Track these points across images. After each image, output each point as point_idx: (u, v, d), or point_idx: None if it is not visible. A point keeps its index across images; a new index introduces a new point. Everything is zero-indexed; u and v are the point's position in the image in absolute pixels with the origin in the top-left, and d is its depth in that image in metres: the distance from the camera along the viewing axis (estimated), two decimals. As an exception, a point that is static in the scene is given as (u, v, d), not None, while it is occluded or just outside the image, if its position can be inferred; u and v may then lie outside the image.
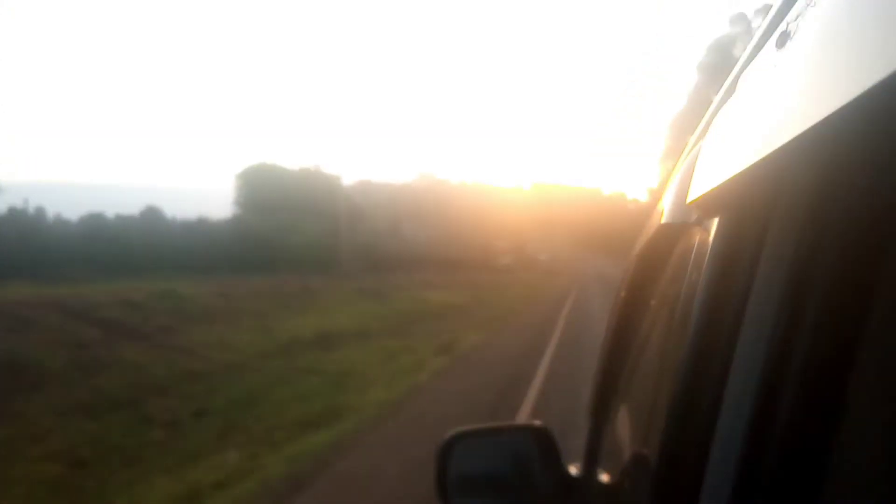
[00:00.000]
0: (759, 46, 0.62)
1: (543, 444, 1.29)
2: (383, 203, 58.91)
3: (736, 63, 0.75)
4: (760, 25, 0.69)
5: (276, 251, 39.99)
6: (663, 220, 0.86)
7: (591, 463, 1.34)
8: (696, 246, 0.65)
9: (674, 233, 0.83)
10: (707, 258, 0.57)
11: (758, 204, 0.50)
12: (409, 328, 17.05)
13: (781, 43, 0.49)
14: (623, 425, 1.09)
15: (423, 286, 30.04)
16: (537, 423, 1.45)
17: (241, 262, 35.41)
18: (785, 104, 0.42)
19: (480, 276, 38.88)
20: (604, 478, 1.21)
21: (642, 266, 1.09)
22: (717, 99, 0.79)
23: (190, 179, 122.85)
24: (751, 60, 0.63)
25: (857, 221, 0.40)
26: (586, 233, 73.56)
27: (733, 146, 0.53)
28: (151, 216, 46.51)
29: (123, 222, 44.44)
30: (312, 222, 45.34)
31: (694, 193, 0.63)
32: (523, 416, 6.97)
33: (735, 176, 0.48)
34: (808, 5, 0.46)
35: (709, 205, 0.59)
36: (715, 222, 0.58)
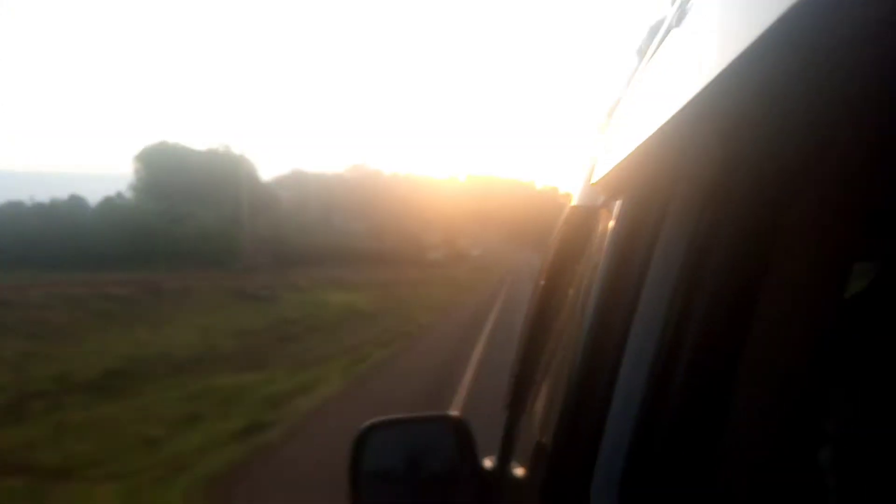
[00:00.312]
0: (667, 28, 0.61)
1: (460, 434, 1.26)
2: (314, 194, 56.98)
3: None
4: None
5: (163, 242, 34.26)
6: (572, 203, 0.89)
7: (506, 455, 1.29)
8: (600, 229, 0.63)
9: (582, 216, 0.82)
10: (607, 242, 0.56)
11: (655, 184, 0.49)
12: (273, 351, 12.12)
13: (678, 21, 0.50)
14: (535, 416, 1.05)
15: (331, 285, 25.49)
16: (454, 413, 1.55)
17: (113, 254, 29.60)
18: (677, 79, 0.42)
19: (405, 273, 34.86)
20: (517, 471, 1.14)
21: (556, 252, 1.10)
22: (627, 81, 0.79)
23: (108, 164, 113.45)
24: (660, 43, 0.62)
25: (749, 206, 0.40)
26: (520, 226, 70.91)
27: (632, 127, 0.53)
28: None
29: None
30: (213, 209, 39.88)
31: (597, 175, 0.63)
32: None
33: (632, 155, 0.48)
34: None
35: (611, 186, 0.59)
36: (617, 204, 0.56)
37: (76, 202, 43.04)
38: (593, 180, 0.66)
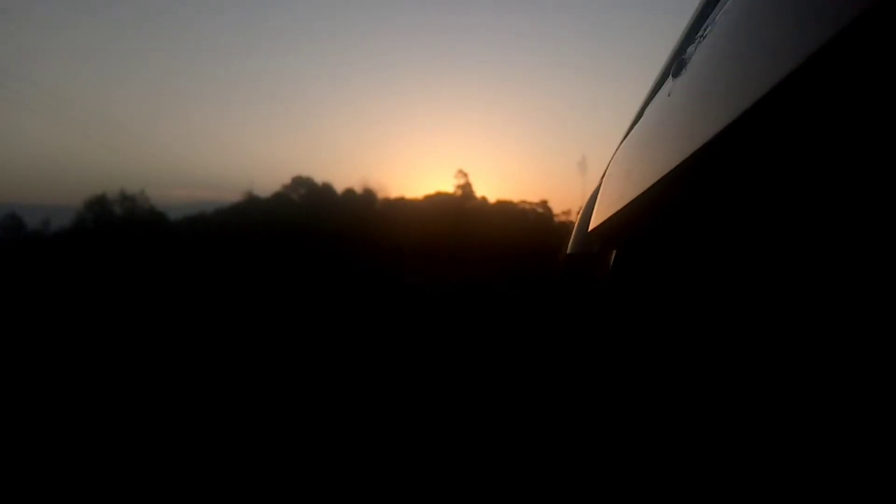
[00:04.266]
0: (662, 77, 0.61)
1: None
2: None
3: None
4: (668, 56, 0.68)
5: None
6: (568, 251, 0.87)
7: None
8: (596, 278, 0.62)
9: (576, 264, 0.81)
10: (603, 291, 0.55)
11: (649, 234, 0.47)
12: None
13: (677, 72, 0.49)
14: None
15: None
16: None
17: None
18: (674, 131, 0.42)
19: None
20: None
21: (551, 299, 1.08)
22: (626, 129, 0.78)
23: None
24: (655, 91, 0.62)
25: (749, 264, 0.39)
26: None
27: (630, 176, 0.50)
28: None
29: None
30: None
31: (594, 223, 0.62)
32: None
33: (630, 206, 0.46)
34: (701, 36, 0.46)
35: (606, 235, 0.58)
36: (613, 254, 0.55)
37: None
38: (590, 229, 0.66)
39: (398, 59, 77.62)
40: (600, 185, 0.80)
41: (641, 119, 0.64)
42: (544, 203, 49.17)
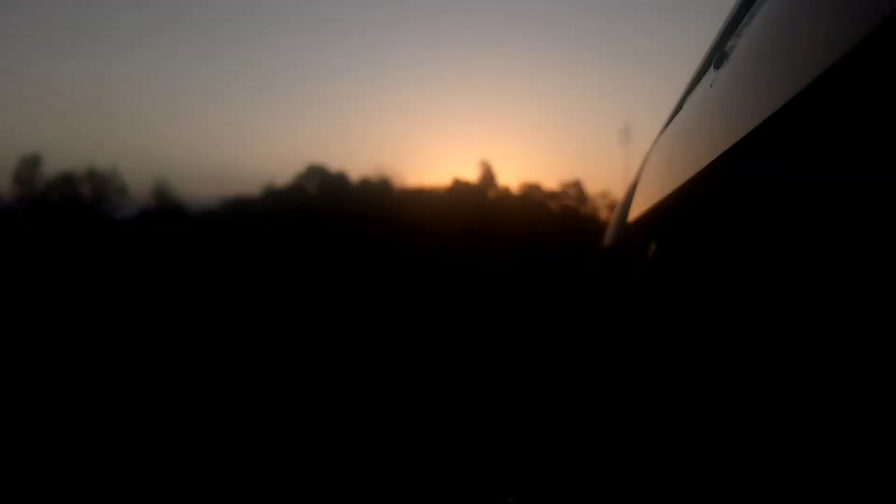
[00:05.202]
0: (703, 68, 0.60)
1: None
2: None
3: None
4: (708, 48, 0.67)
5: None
6: (606, 243, 0.86)
7: None
8: (634, 271, 0.62)
9: (614, 256, 0.81)
10: (642, 284, 0.54)
11: (690, 227, 0.47)
12: None
13: (718, 63, 0.49)
14: None
15: None
16: None
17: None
18: (717, 122, 0.41)
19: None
20: None
21: (587, 292, 1.04)
22: (665, 121, 0.78)
23: None
24: (696, 82, 0.62)
25: (789, 256, 0.38)
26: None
27: (671, 166, 0.51)
28: None
29: None
30: None
31: (633, 215, 0.62)
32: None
33: (669, 196, 0.46)
34: (744, 26, 0.46)
35: (645, 228, 0.57)
36: (652, 247, 0.54)
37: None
38: (629, 221, 0.65)
39: (410, 42, 75.53)
40: (639, 176, 0.79)
41: (682, 110, 0.62)
42: (576, 184, 47.22)
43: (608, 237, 0.85)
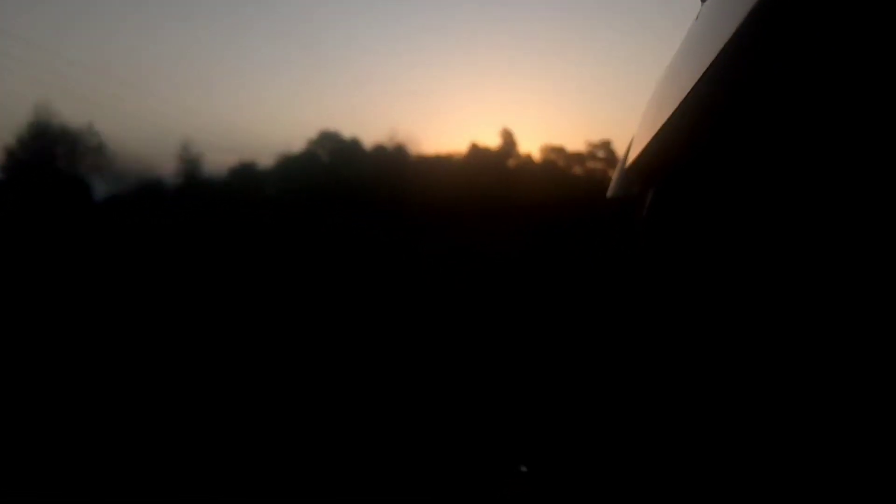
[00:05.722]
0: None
1: None
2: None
3: None
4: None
5: None
6: (609, 194, 0.85)
7: None
8: (634, 219, 0.62)
9: (616, 207, 0.80)
10: (640, 232, 0.54)
11: (684, 171, 0.46)
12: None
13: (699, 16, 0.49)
14: None
15: None
16: None
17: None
18: (696, 56, 0.41)
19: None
20: None
21: (591, 246, 1.07)
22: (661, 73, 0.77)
23: None
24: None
25: (787, 196, 0.37)
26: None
27: (661, 108, 0.50)
28: None
29: None
30: None
31: (630, 161, 0.62)
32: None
33: (659, 137, 0.46)
34: None
35: (643, 174, 0.56)
36: (650, 195, 0.54)
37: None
38: (627, 165, 0.64)
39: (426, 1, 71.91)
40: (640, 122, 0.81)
41: (672, 62, 0.62)
42: (606, 145, 43.78)
43: (611, 188, 0.83)
